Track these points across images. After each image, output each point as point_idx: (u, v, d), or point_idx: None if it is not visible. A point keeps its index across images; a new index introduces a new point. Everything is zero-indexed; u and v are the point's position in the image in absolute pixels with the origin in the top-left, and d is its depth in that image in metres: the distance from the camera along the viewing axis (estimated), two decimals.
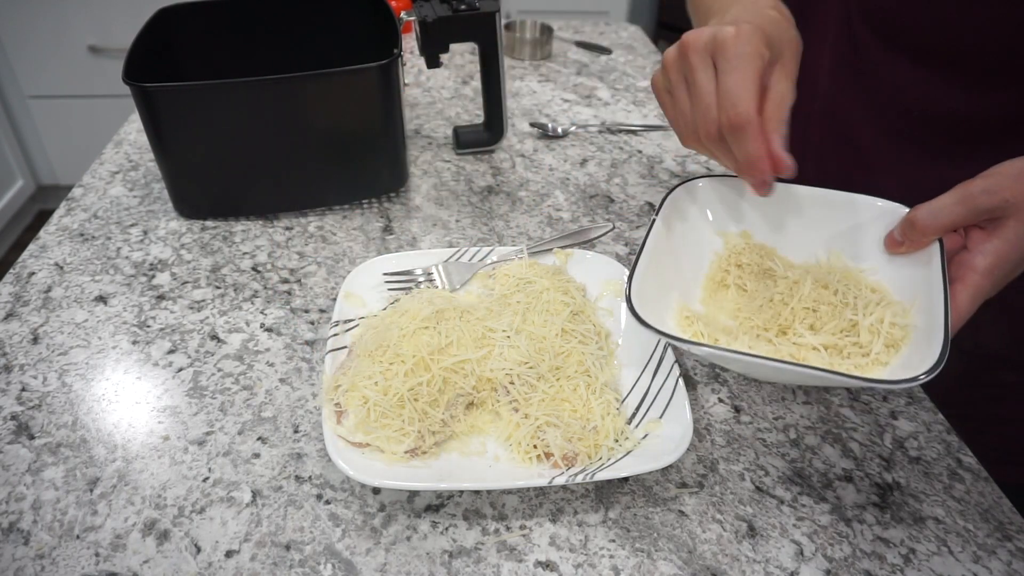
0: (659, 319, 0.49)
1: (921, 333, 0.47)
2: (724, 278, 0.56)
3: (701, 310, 0.55)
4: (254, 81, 0.68)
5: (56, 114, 2.23)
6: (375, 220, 0.78)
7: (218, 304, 0.66)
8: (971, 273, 0.45)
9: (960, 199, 0.46)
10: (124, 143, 0.92)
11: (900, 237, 0.50)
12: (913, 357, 0.45)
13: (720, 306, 0.56)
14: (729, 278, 0.56)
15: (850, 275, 0.54)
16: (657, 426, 0.51)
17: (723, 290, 0.56)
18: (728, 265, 0.57)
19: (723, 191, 0.58)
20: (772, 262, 0.56)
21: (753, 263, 0.56)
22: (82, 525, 0.47)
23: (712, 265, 0.58)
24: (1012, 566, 0.46)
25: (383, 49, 0.72)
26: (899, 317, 0.49)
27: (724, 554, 0.46)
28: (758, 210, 0.58)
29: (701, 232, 0.59)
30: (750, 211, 0.58)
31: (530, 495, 0.50)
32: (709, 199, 0.59)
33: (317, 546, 0.46)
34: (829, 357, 0.49)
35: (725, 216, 0.59)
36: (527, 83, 1.12)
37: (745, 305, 0.54)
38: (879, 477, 0.52)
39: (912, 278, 0.50)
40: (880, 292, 0.52)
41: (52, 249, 0.72)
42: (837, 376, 0.42)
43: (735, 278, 0.56)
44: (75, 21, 2.06)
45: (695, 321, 0.52)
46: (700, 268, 0.58)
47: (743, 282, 0.56)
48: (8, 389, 0.57)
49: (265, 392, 0.57)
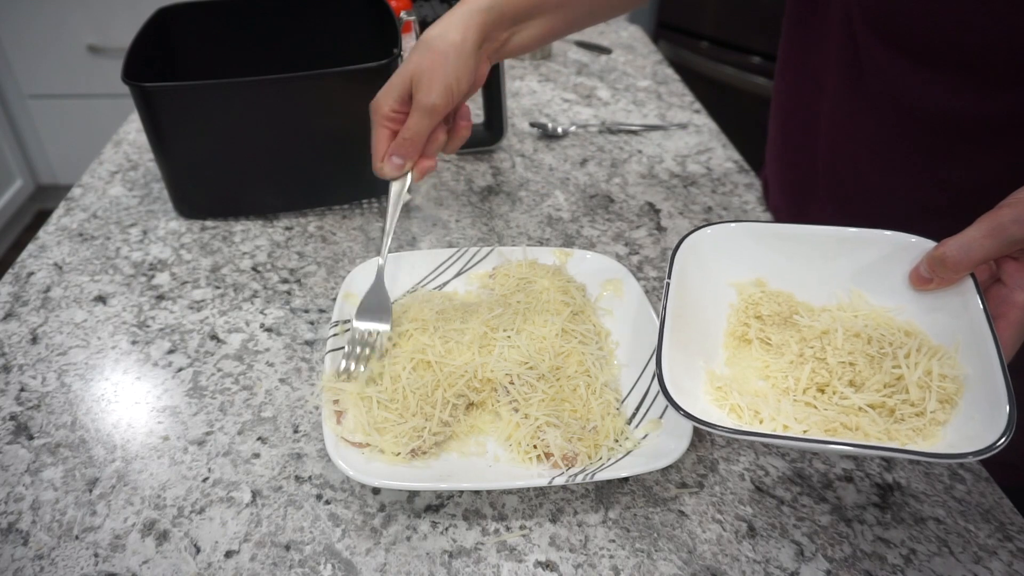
0: (691, 396, 0.45)
1: (976, 382, 0.43)
2: (745, 332, 0.52)
3: (727, 372, 0.51)
4: (254, 81, 0.68)
5: (56, 114, 2.23)
6: (375, 220, 0.77)
7: (218, 304, 0.66)
8: (1013, 310, 0.43)
9: (990, 231, 0.43)
10: (124, 143, 0.92)
11: (928, 274, 0.48)
12: (974, 412, 0.42)
13: (747, 365, 0.51)
14: (750, 332, 0.52)
15: (879, 318, 0.50)
16: (657, 426, 0.51)
17: (746, 346, 0.52)
18: (747, 318, 0.53)
19: (731, 237, 0.55)
20: (795, 311, 0.52)
21: (773, 313, 0.52)
22: (81, 525, 0.47)
23: (730, 319, 0.54)
24: (1013, 567, 0.46)
25: (383, 49, 0.72)
26: (948, 367, 0.45)
27: (724, 554, 0.46)
28: (770, 254, 0.55)
29: (715, 285, 0.54)
30: (762, 256, 0.55)
31: (530, 495, 0.50)
32: (717, 248, 0.55)
33: (317, 546, 0.46)
34: (881, 419, 0.45)
35: (736, 264, 0.55)
36: (527, 83, 1.12)
37: (773, 362, 0.50)
38: (879, 477, 0.52)
39: (947, 316, 0.47)
40: (915, 335, 0.48)
41: (51, 249, 0.72)
42: (913, 455, 0.39)
43: (756, 331, 0.52)
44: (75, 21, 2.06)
45: (728, 390, 0.47)
46: (719, 325, 0.53)
47: (766, 335, 0.52)
48: (7, 389, 0.57)
49: (265, 392, 0.57)
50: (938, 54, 0.55)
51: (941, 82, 0.56)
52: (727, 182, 0.86)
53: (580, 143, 0.94)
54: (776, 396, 0.48)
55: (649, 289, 0.68)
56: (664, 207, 0.81)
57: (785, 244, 0.54)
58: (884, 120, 0.61)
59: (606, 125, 0.97)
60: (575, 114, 1.01)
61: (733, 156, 0.92)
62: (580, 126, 0.97)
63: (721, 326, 0.54)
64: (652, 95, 1.08)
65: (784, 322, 0.52)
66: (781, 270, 0.55)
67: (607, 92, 1.09)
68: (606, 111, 1.03)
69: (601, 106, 1.04)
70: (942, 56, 0.55)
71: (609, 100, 1.06)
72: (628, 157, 0.91)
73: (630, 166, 0.89)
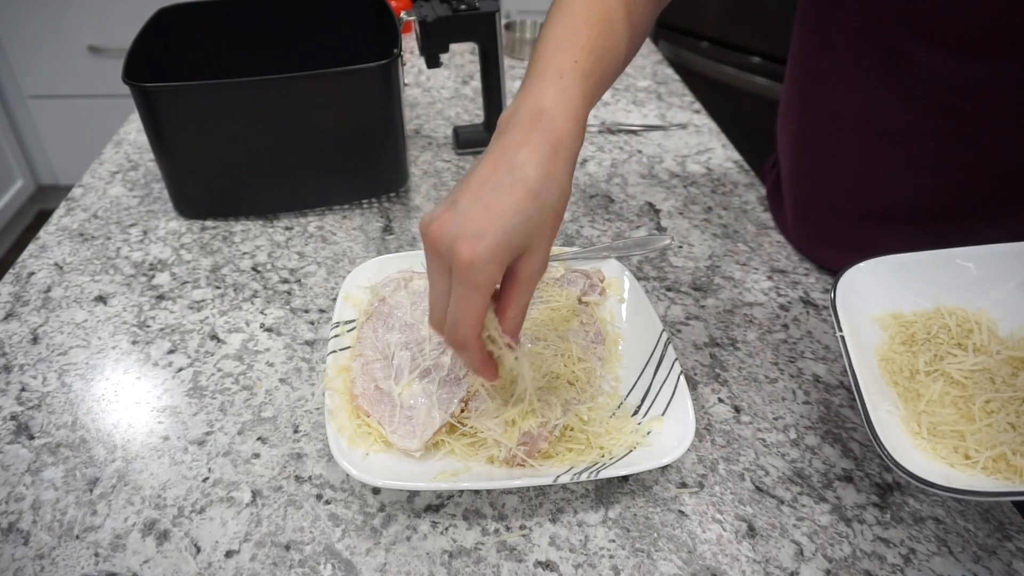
0: (902, 451, 0.43)
1: None
2: (914, 364, 0.50)
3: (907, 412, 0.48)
4: (254, 81, 0.68)
5: (56, 114, 2.23)
6: (375, 220, 0.78)
7: (218, 304, 0.66)
8: None
9: None
10: (124, 143, 0.92)
11: None
12: None
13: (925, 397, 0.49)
14: (919, 362, 0.50)
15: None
16: (659, 423, 0.51)
17: (914, 380, 0.50)
18: (901, 348, 0.51)
19: (876, 272, 0.53)
20: (968, 330, 0.50)
21: (931, 337, 0.50)
22: (82, 525, 0.47)
23: (882, 353, 0.52)
24: (1012, 566, 0.46)
25: (383, 49, 0.72)
26: None
27: (724, 554, 0.46)
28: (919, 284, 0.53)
29: (859, 322, 0.52)
30: (923, 286, 0.53)
31: (530, 495, 0.50)
32: (869, 284, 0.52)
33: (317, 546, 0.46)
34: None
35: (884, 299, 0.53)
36: None
37: (963, 400, 0.48)
38: (879, 477, 0.52)
39: None
40: None
41: (52, 249, 0.72)
42: None
43: (925, 363, 0.50)
44: (75, 21, 2.06)
45: (937, 442, 0.46)
46: (872, 365, 0.51)
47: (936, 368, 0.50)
48: (8, 389, 0.57)
49: (265, 392, 0.57)
50: (983, 45, 0.54)
51: (989, 73, 0.55)
52: (727, 182, 0.86)
53: None
54: (971, 424, 0.47)
55: (649, 289, 0.68)
56: (664, 207, 0.81)
57: (933, 267, 0.53)
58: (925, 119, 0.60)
59: (606, 125, 0.98)
60: None
61: (733, 156, 0.92)
62: None
63: (878, 366, 0.51)
64: (652, 95, 1.08)
65: (958, 345, 0.51)
66: (942, 292, 0.53)
67: (607, 92, 1.09)
68: (606, 111, 1.03)
69: (601, 106, 1.04)
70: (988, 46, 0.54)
71: (609, 100, 1.06)
72: (628, 157, 0.91)
73: (630, 166, 0.89)
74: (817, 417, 0.56)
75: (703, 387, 0.58)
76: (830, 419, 0.56)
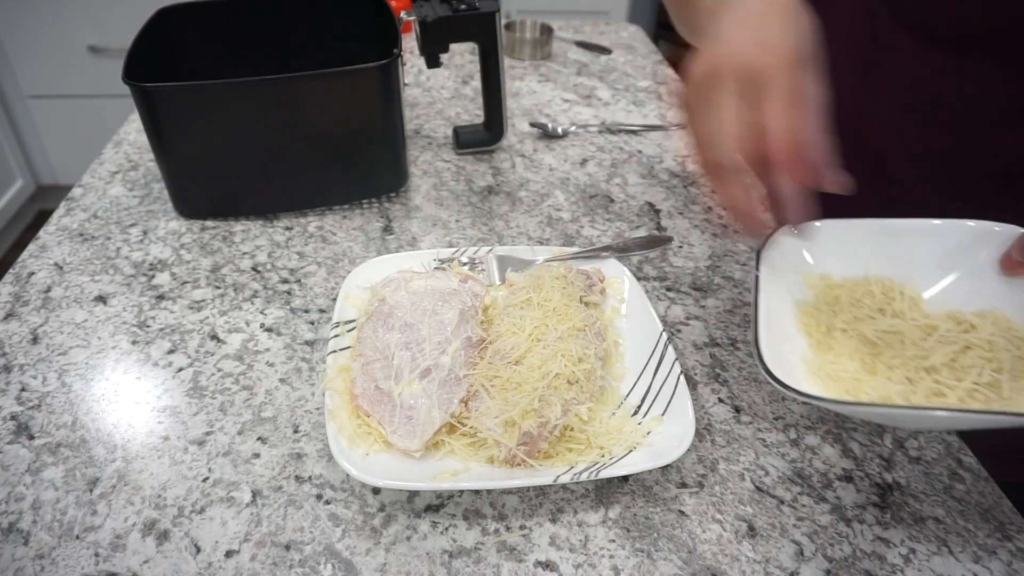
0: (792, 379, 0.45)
1: None
2: (831, 323, 0.52)
3: (816, 358, 0.51)
4: (254, 81, 0.68)
5: (56, 114, 2.23)
6: (375, 220, 0.78)
7: (218, 304, 0.66)
8: None
9: None
10: (124, 143, 0.92)
11: (1022, 257, 0.47)
12: None
13: (839, 353, 0.51)
14: (837, 320, 0.52)
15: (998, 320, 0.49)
16: (659, 424, 0.51)
17: (829, 336, 0.52)
18: (825, 308, 0.53)
19: (818, 233, 0.54)
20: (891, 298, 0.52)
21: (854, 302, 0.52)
22: (82, 525, 0.47)
23: (805, 310, 0.53)
24: (1012, 566, 0.46)
25: (383, 49, 0.72)
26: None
27: (724, 554, 0.46)
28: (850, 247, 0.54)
29: (789, 278, 0.54)
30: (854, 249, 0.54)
31: (530, 495, 0.50)
32: (806, 243, 0.54)
33: (317, 546, 0.46)
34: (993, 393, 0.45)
35: (817, 261, 0.55)
36: (527, 83, 1.12)
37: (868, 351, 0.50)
38: (879, 477, 0.52)
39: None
40: None
41: (52, 249, 0.72)
42: None
43: (843, 322, 0.52)
44: (75, 21, 2.06)
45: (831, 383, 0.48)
46: (791, 315, 0.52)
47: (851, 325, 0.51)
48: (8, 389, 0.57)
49: (265, 392, 0.57)
50: (973, 42, 0.54)
51: (975, 70, 0.55)
52: None
53: (580, 143, 0.94)
54: (871, 377, 0.48)
55: (649, 289, 0.68)
56: (664, 207, 0.81)
57: (871, 237, 0.54)
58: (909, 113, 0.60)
59: (606, 125, 0.98)
60: (575, 114, 1.01)
61: None
62: (580, 126, 0.97)
63: (793, 316, 0.53)
64: (652, 95, 1.08)
65: (879, 311, 0.52)
66: (874, 262, 0.54)
67: (607, 92, 1.09)
68: (606, 111, 1.03)
69: (601, 106, 1.04)
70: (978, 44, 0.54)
71: (609, 100, 1.06)
72: (628, 157, 0.91)
73: (630, 166, 0.89)
74: (817, 417, 0.56)
75: (703, 387, 0.58)
76: (830, 419, 0.56)
